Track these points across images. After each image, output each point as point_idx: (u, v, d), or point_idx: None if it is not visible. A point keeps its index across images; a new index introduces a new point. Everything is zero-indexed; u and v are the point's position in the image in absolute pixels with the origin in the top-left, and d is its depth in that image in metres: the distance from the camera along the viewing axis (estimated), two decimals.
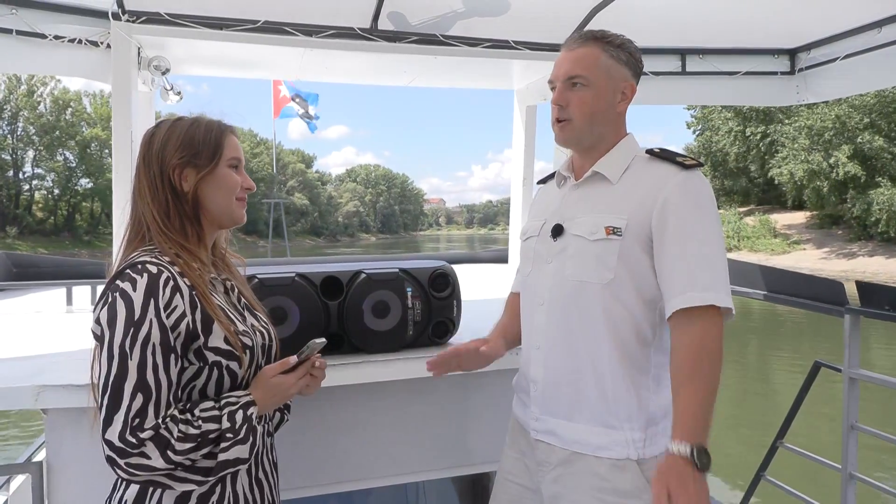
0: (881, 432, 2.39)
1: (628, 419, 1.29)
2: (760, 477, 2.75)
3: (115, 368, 1.03)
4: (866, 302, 2.32)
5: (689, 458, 1.10)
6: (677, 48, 3.28)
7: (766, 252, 31.33)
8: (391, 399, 1.88)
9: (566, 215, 1.39)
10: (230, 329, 1.15)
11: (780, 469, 2.76)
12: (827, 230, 32.12)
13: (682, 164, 1.29)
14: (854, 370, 2.35)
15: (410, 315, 1.80)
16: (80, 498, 1.61)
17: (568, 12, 2.77)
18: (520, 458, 1.46)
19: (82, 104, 51.00)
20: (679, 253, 1.23)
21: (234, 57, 2.69)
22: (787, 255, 30.59)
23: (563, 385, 1.34)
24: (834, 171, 29.12)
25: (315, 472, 1.83)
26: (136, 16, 2.27)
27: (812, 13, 2.88)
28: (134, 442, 1.01)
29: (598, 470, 1.29)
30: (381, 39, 2.58)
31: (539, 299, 1.40)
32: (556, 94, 1.38)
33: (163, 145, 1.20)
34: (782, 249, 31.51)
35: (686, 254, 1.22)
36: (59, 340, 2.17)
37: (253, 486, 1.22)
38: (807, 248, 31.23)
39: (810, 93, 3.41)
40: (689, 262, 1.22)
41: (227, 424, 1.09)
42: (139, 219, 1.19)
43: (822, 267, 27.27)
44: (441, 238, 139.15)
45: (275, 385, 1.20)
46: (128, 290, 1.06)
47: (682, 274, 1.22)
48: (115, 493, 1.16)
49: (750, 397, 9.43)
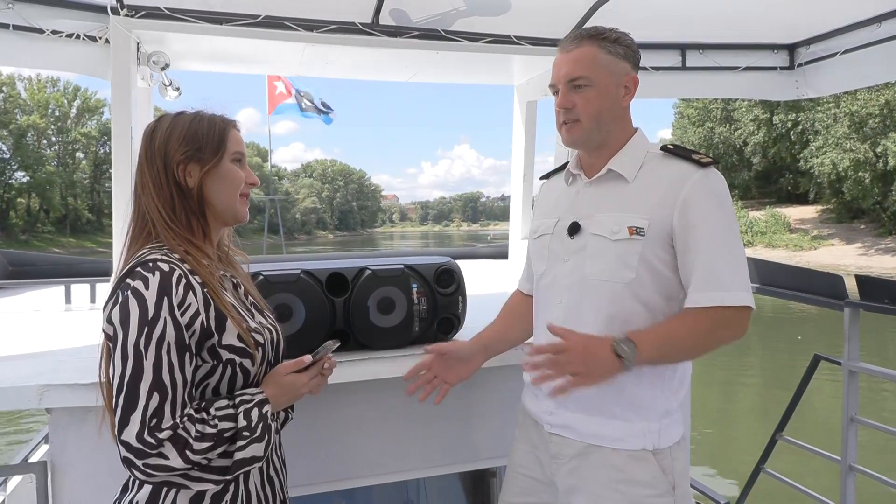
0: (880, 424, 2.42)
1: (645, 412, 1.31)
2: (760, 470, 2.78)
3: (130, 368, 1.02)
4: (866, 296, 2.34)
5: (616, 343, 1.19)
6: (678, 43, 3.28)
7: (787, 248, 29.64)
8: (396, 395, 1.88)
9: (582, 213, 1.39)
10: (243, 326, 1.15)
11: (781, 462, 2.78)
12: (847, 224, 30.70)
13: (698, 163, 1.31)
14: (854, 363, 2.38)
15: (416, 311, 1.79)
16: (84, 498, 1.60)
17: (569, 8, 2.77)
18: (531, 452, 1.47)
19: (16, 89, 47.62)
20: (702, 253, 1.25)
21: (234, 52, 2.67)
22: (815, 252, 28.75)
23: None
24: (880, 160, 27.19)
25: (321, 469, 1.83)
26: (135, 10, 2.24)
27: (811, 9, 2.89)
28: (152, 442, 1.00)
29: (614, 461, 1.31)
30: (382, 34, 2.57)
31: (556, 297, 1.40)
32: (561, 97, 1.38)
33: (165, 140, 1.18)
34: (810, 245, 29.63)
35: (708, 254, 1.25)
36: (60, 339, 2.15)
37: (265, 483, 1.22)
38: (835, 244, 29.35)
39: (809, 87, 3.42)
40: (711, 262, 1.24)
41: (243, 423, 1.08)
42: (143, 214, 1.17)
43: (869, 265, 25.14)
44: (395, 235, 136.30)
45: (288, 383, 1.20)
46: (140, 288, 1.05)
47: (705, 273, 1.24)
48: (126, 495, 1.14)
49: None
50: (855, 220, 30.70)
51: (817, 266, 22.19)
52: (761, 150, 35.03)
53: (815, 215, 33.56)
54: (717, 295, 1.22)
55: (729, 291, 1.22)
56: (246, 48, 2.58)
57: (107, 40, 2.33)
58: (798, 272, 2.65)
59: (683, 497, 1.32)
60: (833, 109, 29.00)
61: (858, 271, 12.73)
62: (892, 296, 2.27)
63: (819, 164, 30.01)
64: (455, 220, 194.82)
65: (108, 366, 1.16)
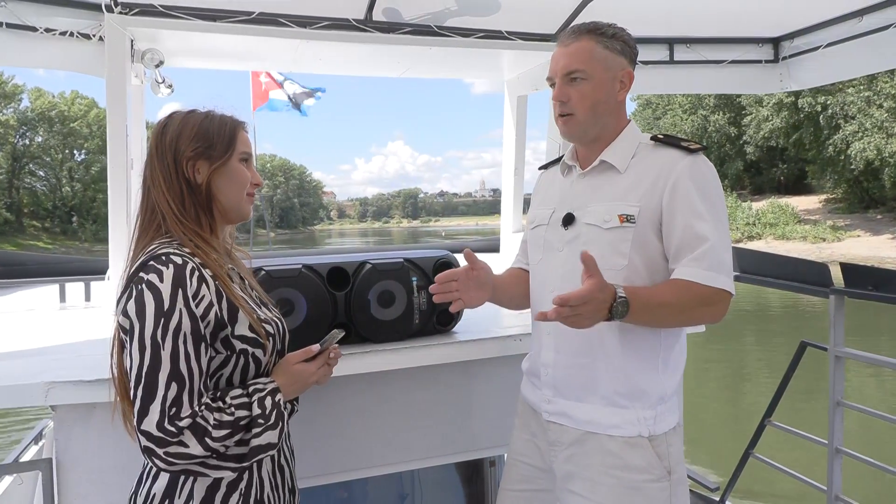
0: (865, 407, 2.50)
1: (639, 399, 1.34)
2: (749, 455, 2.85)
3: (149, 359, 1.04)
4: (850, 283, 2.41)
5: (614, 300, 1.18)
6: (665, 38, 3.34)
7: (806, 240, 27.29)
8: (397, 387, 1.91)
9: (575, 204, 1.42)
10: (254, 317, 1.17)
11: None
12: (861, 214, 28.89)
13: (686, 149, 1.34)
14: (839, 348, 2.44)
15: (416, 304, 1.82)
16: (90, 493, 1.61)
17: (560, 4, 2.80)
18: (531, 440, 1.51)
19: None
20: (687, 235, 1.28)
21: (228, 49, 2.67)
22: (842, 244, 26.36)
23: (574, 368, 1.39)
24: None
25: (322, 461, 1.86)
26: (129, 8, 2.24)
27: (795, 3, 2.95)
28: (173, 431, 1.02)
29: (610, 448, 1.33)
30: (375, 31, 2.59)
31: (551, 286, 1.43)
32: (557, 90, 1.41)
33: (176, 136, 1.20)
34: (834, 237, 27.07)
35: (694, 236, 1.27)
36: (57, 337, 2.16)
37: (275, 471, 1.25)
38: (861, 235, 27.08)
39: (793, 80, 3.50)
40: (698, 244, 1.27)
41: (257, 411, 1.11)
42: (153, 207, 1.19)
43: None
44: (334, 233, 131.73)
45: (297, 372, 1.23)
46: (154, 281, 1.07)
47: (691, 254, 1.27)
48: (142, 486, 1.17)
49: None
50: (869, 209, 29.04)
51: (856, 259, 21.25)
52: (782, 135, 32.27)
53: (820, 205, 32.16)
54: (702, 274, 1.25)
55: (714, 273, 1.25)
56: (240, 45, 2.59)
57: (100, 38, 2.32)
58: (784, 261, 2.71)
59: (679, 482, 1.35)
60: (866, 92, 26.95)
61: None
62: (876, 282, 2.33)
63: (860, 150, 27.27)
64: (395, 217, 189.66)
65: (120, 358, 1.18)
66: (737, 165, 35.96)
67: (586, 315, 1.15)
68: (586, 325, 1.17)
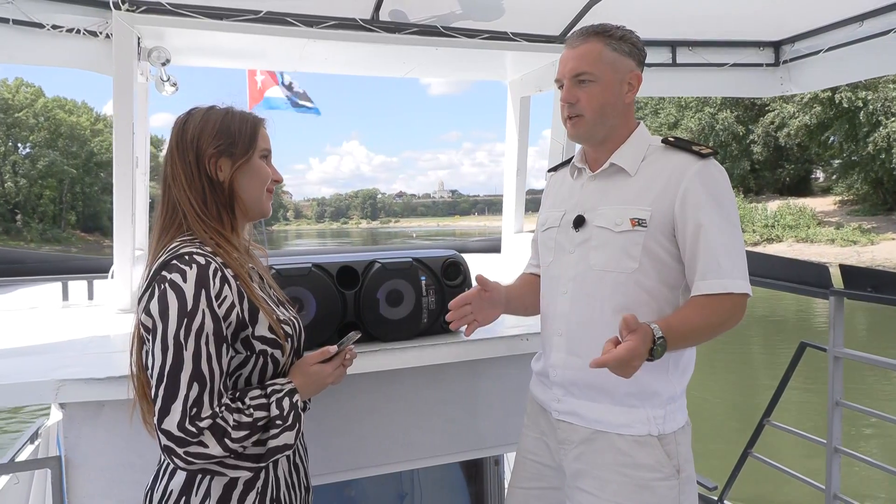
0: (863, 407, 2.53)
1: (650, 399, 1.36)
2: (748, 454, 2.87)
3: (171, 358, 1.05)
4: (849, 284, 2.43)
5: (655, 348, 1.18)
6: (668, 40, 3.36)
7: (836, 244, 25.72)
8: (405, 386, 1.92)
9: (586, 206, 1.44)
10: (273, 318, 1.18)
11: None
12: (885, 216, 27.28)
13: (698, 154, 1.35)
14: (838, 349, 2.47)
15: (424, 303, 1.84)
16: (100, 491, 1.62)
17: (564, 5, 2.81)
18: (540, 438, 1.53)
19: None
20: (702, 243, 1.30)
21: (234, 47, 2.67)
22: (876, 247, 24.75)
23: (585, 370, 1.40)
24: None
25: (331, 459, 1.87)
26: (136, 5, 2.24)
27: (796, 7, 2.97)
28: (193, 431, 1.03)
29: (619, 446, 1.35)
30: (382, 31, 2.59)
31: (562, 288, 1.45)
32: (565, 91, 1.42)
33: (198, 133, 1.20)
34: (867, 240, 25.51)
35: (709, 243, 1.29)
36: (63, 335, 2.16)
37: (291, 470, 1.26)
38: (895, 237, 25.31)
39: (793, 84, 3.52)
40: (713, 251, 1.29)
41: (275, 412, 1.12)
42: (174, 205, 1.19)
43: None
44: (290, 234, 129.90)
45: (314, 373, 1.24)
46: (178, 281, 1.07)
47: (708, 263, 1.29)
48: (159, 482, 1.17)
49: None
50: (893, 211, 27.65)
51: None
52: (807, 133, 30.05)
53: (835, 207, 30.74)
54: (720, 283, 1.27)
55: (731, 279, 1.27)
56: (246, 43, 2.59)
57: (107, 35, 2.32)
58: (785, 262, 2.74)
59: (688, 480, 1.37)
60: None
61: None
62: (875, 284, 2.36)
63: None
64: (354, 218, 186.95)
65: (139, 356, 1.19)
66: (743, 165, 34.79)
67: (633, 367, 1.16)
68: (630, 374, 1.17)
